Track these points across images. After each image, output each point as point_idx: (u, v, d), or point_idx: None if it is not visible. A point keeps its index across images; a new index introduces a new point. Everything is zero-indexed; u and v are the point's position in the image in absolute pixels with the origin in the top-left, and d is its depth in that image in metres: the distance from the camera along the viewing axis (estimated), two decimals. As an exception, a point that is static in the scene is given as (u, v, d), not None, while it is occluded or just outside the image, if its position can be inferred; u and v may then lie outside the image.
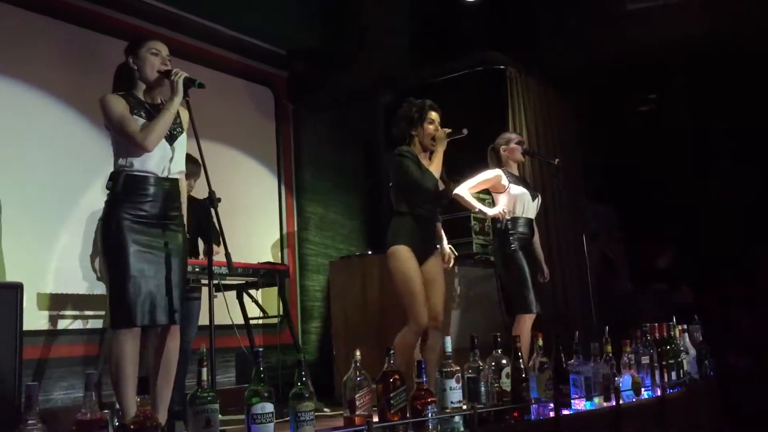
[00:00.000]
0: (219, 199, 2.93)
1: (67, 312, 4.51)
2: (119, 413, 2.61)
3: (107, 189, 2.87)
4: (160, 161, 2.89)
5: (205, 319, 3.55)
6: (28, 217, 4.37)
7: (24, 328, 3.49)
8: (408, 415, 2.45)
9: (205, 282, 3.84)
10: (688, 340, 4.30)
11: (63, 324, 4.48)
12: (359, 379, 2.42)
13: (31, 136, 4.47)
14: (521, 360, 2.87)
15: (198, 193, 4.36)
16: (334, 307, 5.37)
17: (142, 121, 2.87)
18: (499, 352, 2.86)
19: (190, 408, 2.04)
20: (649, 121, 7.74)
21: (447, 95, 6.47)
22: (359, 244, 6.60)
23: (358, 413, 2.40)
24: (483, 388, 2.74)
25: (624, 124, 7.61)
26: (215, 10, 5.50)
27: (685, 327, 4.35)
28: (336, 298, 5.35)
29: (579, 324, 5.45)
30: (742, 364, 5.46)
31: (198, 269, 3.99)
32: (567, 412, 3.00)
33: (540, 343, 3.08)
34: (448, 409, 2.57)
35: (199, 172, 4.00)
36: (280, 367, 4.78)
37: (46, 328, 4.38)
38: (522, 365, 2.85)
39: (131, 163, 2.84)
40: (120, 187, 2.82)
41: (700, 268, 6.92)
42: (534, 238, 4.56)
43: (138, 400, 1.92)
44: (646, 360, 3.65)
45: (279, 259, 5.99)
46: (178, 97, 2.86)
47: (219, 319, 3.10)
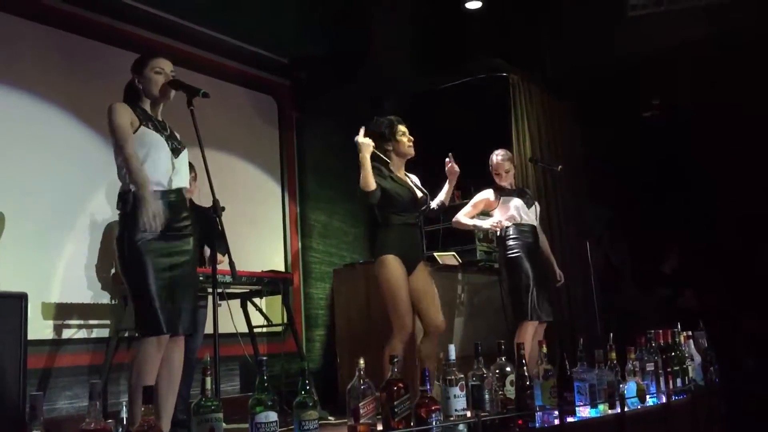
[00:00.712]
0: (223, 208, 2.95)
1: (72, 321, 4.51)
2: (123, 422, 2.61)
3: (117, 209, 2.91)
4: (167, 173, 2.93)
5: (209, 328, 3.56)
6: (32, 227, 4.38)
7: (29, 337, 3.50)
8: (412, 423, 2.45)
9: (210, 290, 3.84)
10: (693, 346, 4.27)
11: (68, 333, 4.49)
12: (363, 387, 2.42)
13: (34, 146, 4.48)
14: (525, 367, 2.86)
15: (202, 201, 4.38)
16: (338, 315, 5.37)
17: (150, 131, 2.90)
18: (503, 359, 2.86)
19: (194, 417, 2.04)
20: (653, 127, 7.73)
21: (450, 103, 6.52)
22: (363, 251, 6.59)
23: (362, 421, 2.40)
24: (487, 396, 2.73)
25: (627, 129, 7.60)
26: (218, 19, 5.53)
27: (689, 333, 4.33)
28: (340, 306, 5.35)
29: (583, 331, 5.45)
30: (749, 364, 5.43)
31: (202, 278, 3.99)
32: (572, 420, 2.99)
33: (544, 350, 3.08)
34: (453, 417, 2.56)
35: (194, 172, 4.03)
36: (284, 375, 4.78)
37: (51, 337, 4.39)
38: (526, 372, 2.85)
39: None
40: (130, 207, 2.85)
41: (705, 272, 6.90)
42: (541, 244, 4.58)
43: (143, 410, 1.92)
44: (650, 367, 3.63)
45: (283, 267, 5.99)
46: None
47: (223, 328, 3.11)
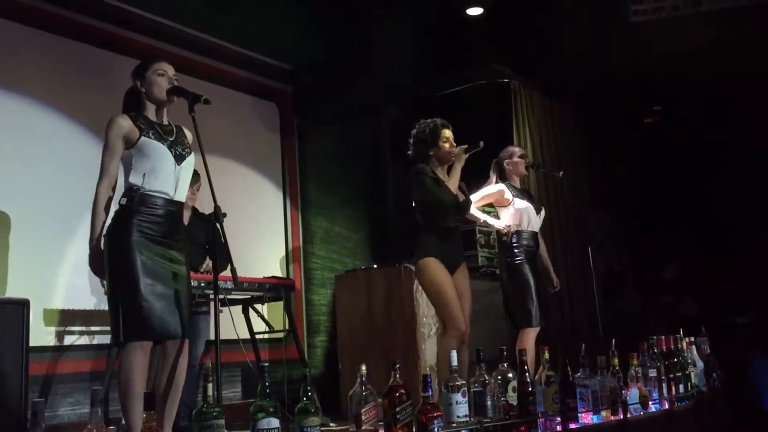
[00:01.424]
0: (224, 214, 2.94)
1: (74, 327, 4.51)
2: (125, 429, 2.61)
3: (120, 204, 2.88)
4: (171, 181, 2.92)
5: (210, 334, 3.56)
6: (35, 234, 4.39)
7: (31, 344, 3.50)
8: (414, 430, 2.45)
9: (212, 297, 3.85)
10: (695, 352, 4.27)
11: (70, 339, 4.49)
12: (365, 393, 2.42)
13: (38, 152, 4.49)
14: (527, 373, 2.86)
15: (203, 207, 4.38)
16: (339, 321, 5.37)
17: (151, 141, 2.90)
18: (505, 365, 2.86)
19: (196, 423, 2.04)
20: (654, 133, 7.74)
21: (452, 109, 6.49)
22: (365, 257, 6.60)
23: (364, 428, 2.40)
24: (489, 402, 2.73)
25: (628, 135, 7.62)
26: (220, 26, 5.54)
27: (692, 339, 4.32)
28: (342, 312, 5.35)
29: (585, 337, 5.44)
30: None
31: (204, 284, 3.99)
32: (574, 426, 2.99)
33: (546, 356, 3.07)
34: (455, 424, 2.56)
35: (199, 181, 4.03)
36: (286, 381, 4.77)
37: (53, 343, 4.39)
38: (528, 379, 2.84)
39: (147, 183, 2.86)
40: (134, 203, 2.84)
41: (706, 279, 6.91)
42: (540, 250, 4.56)
43: (144, 416, 1.92)
44: (653, 373, 3.63)
45: (284, 273, 5.99)
46: None
47: (225, 334, 3.10)
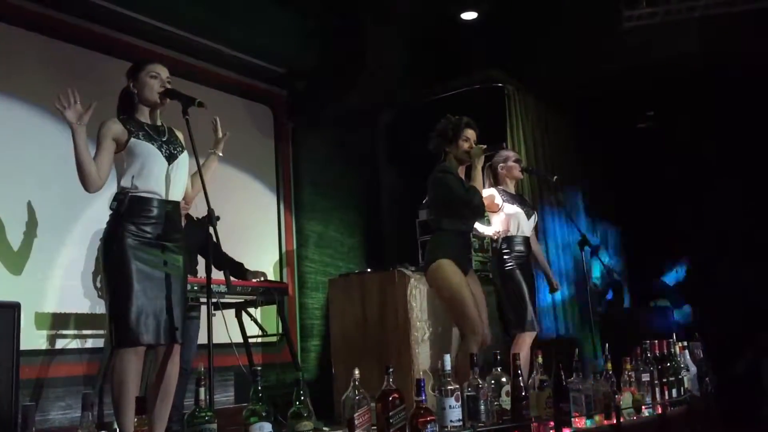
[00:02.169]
0: (218, 218, 2.94)
1: (67, 331, 4.49)
2: (116, 433, 2.60)
3: (111, 209, 2.88)
4: (163, 181, 2.91)
5: (203, 338, 3.54)
6: (27, 237, 4.36)
7: (23, 347, 3.47)
8: (407, 434, 2.44)
9: (204, 300, 3.83)
10: (688, 357, 4.27)
11: (63, 343, 4.46)
12: (358, 397, 2.41)
13: (31, 155, 4.48)
14: (521, 378, 2.85)
15: (198, 211, 4.37)
16: (333, 325, 5.36)
17: (141, 142, 2.88)
18: (498, 370, 2.85)
19: (188, 428, 2.03)
20: (648, 138, 7.77)
21: (446, 113, 6.51)
22: (359, 261, 6.59)
23: (357, 432, 2.39)
24: (483, 407, 2.72)
25: (622, 140, 7.64)
26: (215, 30, 5.53)
27: (685, 344, 4.33)
28: (335, 316, 5.34)
29: (578, 341, 5.45)
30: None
31: (197, 287, 3.98)
32: (567, 431, 2.99)
33: (540, 360, 3.07)
34: (448, 428, 2.55)
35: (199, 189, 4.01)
36: (279, 385, 4.76)
37: (45, 347, 4.37)
38: (522, 383, 2.84)
39: (135, 185, 2.86)
40: (125, 207, 2.83)
41: (700, 284, 6.92)
42: (535, 253, 4.57)
43: (136, 420, 1.91)
44: (646, 377, 3.63)
45: (278, 277, 5.98)
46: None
47: (218, 338, 3.09)
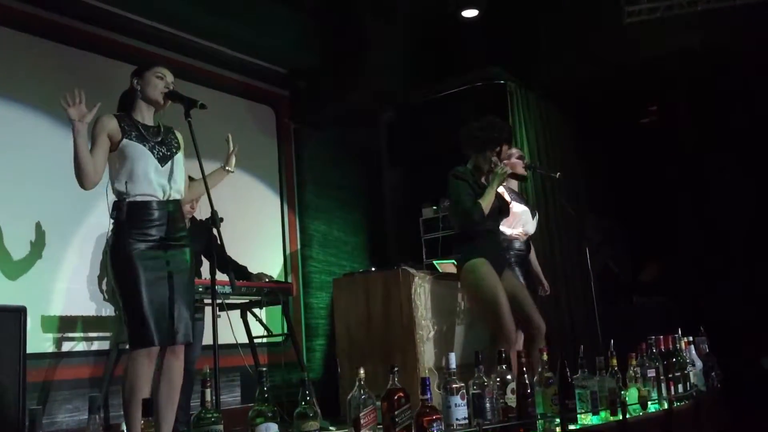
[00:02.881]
0: (221, 219, 2.94)
1: (73, 334, 4.51)
2: (124, 435, 2.61)
3: (111, 218, 2.89)
4: (157, 183, 2.92)
5: (208, 339, 3.55)
6: (32, 240, 4.38)
7: (29, 350, 3.48)
8: (413, 433, 2.44)
9: (209, 301, 3.84)
10: (694, 352, 4.26)
11: (69, 346, 4.48)
12: (363, 397, 2.41)
13: (34, 157, 4.49)
14: (526, 375, 2.85)
15: (201, 213, 4.38)
16: (338, 325, 5.36)
17: (132, 143, 2.89)
18: (503, 367, 2.85)
19: (195, 429, 2.03)
20: (650, 134, 7.75)
21: (447, 111, 6.53)
22: (363, 261, 6.60)
23: (362, 431, 2.39)
24: (488, 404, 2.72)
25: (624, 136, 7.62)
26: (216, 31, 5.55)
27: (691, 339, 4.32)
28: (340, 316, 5.34)
29: (584, 337, 5.44)
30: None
31: (201, 289, 3.99)
32: (573, 427, 2.98)
33: (545, 357, 3.07)
34: (454, 426, 2.55)
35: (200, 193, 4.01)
36: (285, 386, 4.77)
37: (51, 350, 4.38)
38: (527, 380, 2.84)
39: (128, 190, 2.87)
40: (124, 215, 2.84)
41: (701, 280, 6.92)
42: (530, 254, 4.55)
43: (143, 423, 1.91)
44: (652, 373, 3.62)
45: (282, 277, 5.99)
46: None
47: (223, 339, 3.10)
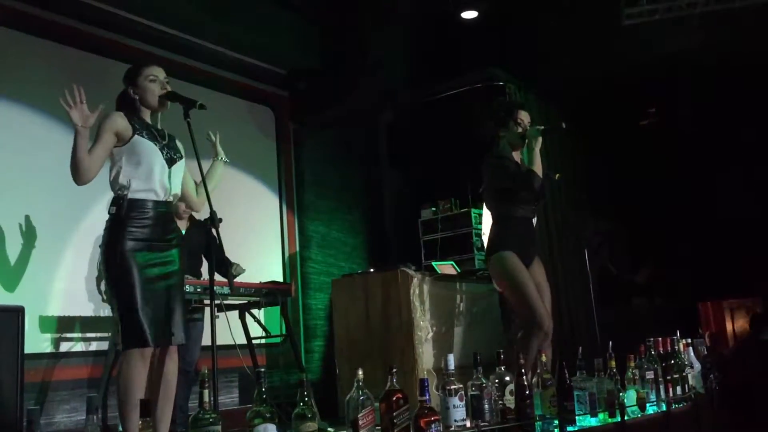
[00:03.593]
0: (220, 219, 2.94)
1: (72, 334, 4.50)
2: (121, 436, 2.60)
3: (109, 213, 2.88)
4: (159, 184, 2.92)
5: (206, 340, 3.55)
6: (30, 241, 4.38)
7: (27, 351, 3.48)
8: (411, 434, 2.44)
9: (208, 302, 3.84)
10: (692, 354, 4.26)
11: (67, 346, 4.48)
12: (362, 398, 2.40)
13: (33, 158, 4.49)
14: (525, 376, 2.85)
15: (199, 214, 4.37)
16: (337, 326, 5.36)
17: (144, 140, 2.89)
18: (502, 368, 2.85)
19: (192, 430, 2.03)
20: (649, 135, 7.76)
21: (447, 112, 6.53)
22: (362, 261, 6.60)
23: (361, 432, 2.39)
24: (487, 406, 2.72)
25: (624, 138, 7.63)
26: (215, 32, 5.55)
27: (689, 341, 4.32)
28: (339, 317, 5.34)
29: (582, 339, 5.44)
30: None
31: (200, 289, 3.98)
32: (572, 429, 2.98)
33: (544, 359, 3.07)
34: (452, 428, 2.55)
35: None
36: (283, 386, 4.76)
37: (50, 350, 4.38)
38: (526, 382, 2.84)
39: (132, 184, 2.86)
40: (123, 211, 2.84)
41: (701, 281, 6.92)
42: None
43: (140, 423, 1.91)
44: (650, 375, 3.61)
45: (281, 278, 5.99)
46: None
47: (221, 339, 3.10)
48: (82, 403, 4.30)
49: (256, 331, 4.73)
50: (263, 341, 4.92)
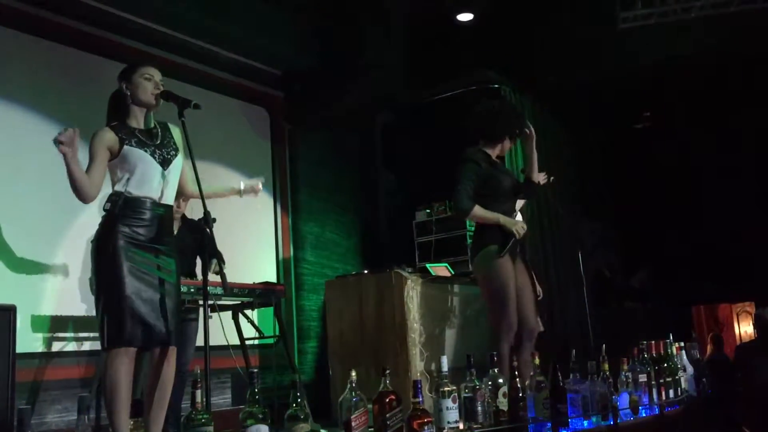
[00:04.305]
0: (214, 219, 2.93)
1: (64, 334, 4.48)
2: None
3: (104, 210, 2.86)
4: (157, 186, 2.90)
5: (200, 340, 3.54)
6: (23, 240, 4.36)
7: (19, 350, 3.46)
8: (404, 436, 2.43)
9: (201, 302, 3.83)
10: (685, 357, 4.28)
11: (59, 346, 4.45)
12: (355, 399, 2.40)
13: (25, 157, 4.47)
14: (518, 379, 2.85)
15: (193, 213, 4.36)
16: (330, 327, 5.35)
17: (133, 149, 2.88)
18: (495, 371, 2.85)
19: (185, 430, 2.02)
20: (644, 138, 7.78)
21: (442, 114, 6.54)
22: (355, 263, 6.59)
23: (354, 434, 2.38)
24: (480, 408, 2.72)
25: (619, 141, 7.65)
26: (211, 32, 5.54)
27: (682, 344, 4.33)
28: (332, 318, 5.33)
29: (576, 342, 5.44)
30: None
31: (194, 290, 3.97)
32: (565, 432, 2.99)
33: (537, 362, 3.07)
34: (445, 429, 2.55)
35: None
36: (276, 387, 4.75)
37: (41, 350, 4.36)
38: (519, 384, 2.84)
39: (129, 190, 2.85)
40: (118, 208, 2.82)
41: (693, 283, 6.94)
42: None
43: (131, 423, 1.90)
44: (643, 378, 3.63)
45: (275, 279, 5.97)
46: None
47: (214, 340, 3.09)
48: (74, 403, 4.26)
49: (249, 331, 4.72)
50: (256, 342, 4.91)
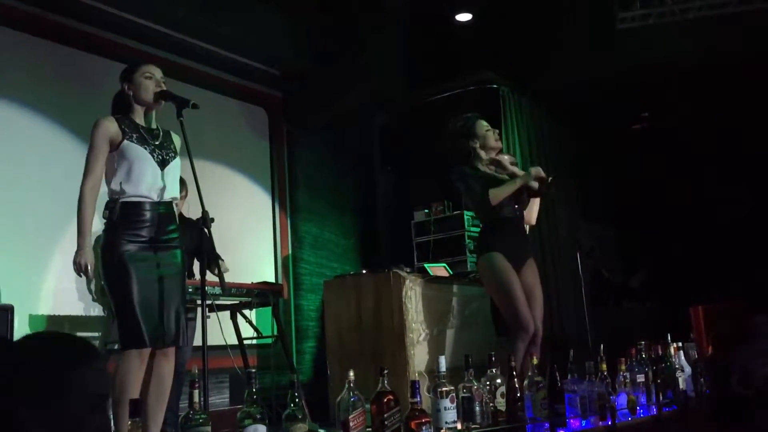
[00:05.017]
0: (212, 219, 2.93)
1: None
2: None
3: (104, 218, 2.89)
4: (153, 186, 2.91)
5: (198, 340, 3.54)
6: (21, 240, 4.35)
7: (16, 350, 3.46)
8: (402, 436, 2.43)
9: (199, 302, 3.83)
10: (683, 358, 4.27)
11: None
12: (353, 399, 2.40)
13: (23, 157, 4.47)
14: (516, 379, 2.85)
15: (191, 212, 4.36)
16: (328, 327, 5.35)
17: (133, 145, 2.89)
18: (493, 371, 2.85)
19: (182, 430, 2.02)
20: (642, 139, 7.79)
21: (440, 114, 6.52)
22: (354, 263, 6.59)
23: (351, 434, 2.38)
24: (478, 408, 2.72)
25: (617, 142, 7.65)
26: (210, 31, 5.54)
27: (680, 345, 4.33)
28: (330, 318, 5.33)
29: (574, 342, 5.45)
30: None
31: (191, 289, 3.97)
32: (562, 432, 2.99)
33: (535, 362, 3.07)
34: (443, 430, 2.55)
35: (186, 189, 4.01)
36: (274, 387, 4.75)
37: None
38: (517, 384, 2.84)
39: (124, 189, 2.86)
40: (117, 215, 2.84)
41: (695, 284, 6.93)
42: None
43: (129, 423, 1.90)
44: (641, 378, 3.63)
45: (273, 278, 5.97)
46: None
47: (212, 340, 3.09)
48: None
49: (247, 331, 4.72)
50: (255, 342, 4.91)
